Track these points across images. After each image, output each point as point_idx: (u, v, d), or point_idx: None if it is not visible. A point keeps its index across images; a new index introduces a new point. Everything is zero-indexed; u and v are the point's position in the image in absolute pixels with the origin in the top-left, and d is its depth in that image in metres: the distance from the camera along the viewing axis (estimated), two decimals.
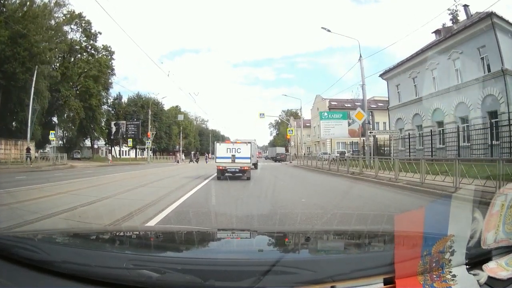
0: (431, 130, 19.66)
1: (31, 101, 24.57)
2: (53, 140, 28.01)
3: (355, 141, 36.03)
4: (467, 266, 0.98)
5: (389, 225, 1.76)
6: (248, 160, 12.36)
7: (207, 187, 9.97)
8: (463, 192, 1.21)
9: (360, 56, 18.51)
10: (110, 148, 52.68)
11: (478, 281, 0.95)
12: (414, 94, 22.55)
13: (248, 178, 12.23)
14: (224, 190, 9.35)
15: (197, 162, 36.70)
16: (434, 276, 0.95)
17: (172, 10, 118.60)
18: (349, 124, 25.33)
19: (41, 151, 30.38)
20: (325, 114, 28.02)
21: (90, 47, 38.80)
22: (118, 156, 49.84)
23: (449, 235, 0.99)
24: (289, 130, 39.39)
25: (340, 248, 1.66)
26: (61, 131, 40.59)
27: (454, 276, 0.94)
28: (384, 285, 0.96)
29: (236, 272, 1.02)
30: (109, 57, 41.71)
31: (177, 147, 68.69)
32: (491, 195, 1.04)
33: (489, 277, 0.95)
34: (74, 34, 37.22)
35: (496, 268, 0.97)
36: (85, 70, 37.44)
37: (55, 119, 38.12)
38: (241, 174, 12.34)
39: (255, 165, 17.18)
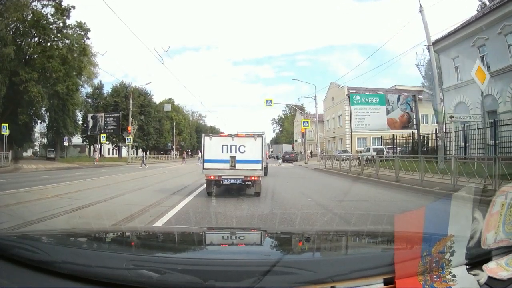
0: None
1: None
2: (6, 134, 26.41)
3: (378, 136, 35.20)
4: (467, 266, 1.24)
5: (389, 225, 2.06)
6: (258, 165, 9.55)
7: None
8: (463, 191, 1.49)
9: (420, 6, 17.01)
10: (89, 145, 54.22)
11: (478, 281, 1.22)
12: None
13: (258, 194, 9.77)
14: None
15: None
16: (434, 276, 1.22)
17: (173, 9, 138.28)
18: (387, 112, 24.39)
19: (33, 150, 30.19)
20: (357, 97, 27.05)
21: (58, 21, 38.60)
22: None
23: (449, 235, 1.27)
24: (303, 122, 35.48)
25: (340, 248, 2.01)
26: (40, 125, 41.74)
27: (454, 276, 1.22)
28: (384, 285, 1.24)
29: (236, 273, 1.31)
30: (83, 34, 41.36)
31: (169, 144, 70.05)
32: None
33: (489, 277, 1.22)
34: (44, 9, 37.49)
35: (496, 268, 1.24)
36: (48, 47, 37.29)
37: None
38: (244, 187, 10.00)
39: (265, 170, 14.57)
